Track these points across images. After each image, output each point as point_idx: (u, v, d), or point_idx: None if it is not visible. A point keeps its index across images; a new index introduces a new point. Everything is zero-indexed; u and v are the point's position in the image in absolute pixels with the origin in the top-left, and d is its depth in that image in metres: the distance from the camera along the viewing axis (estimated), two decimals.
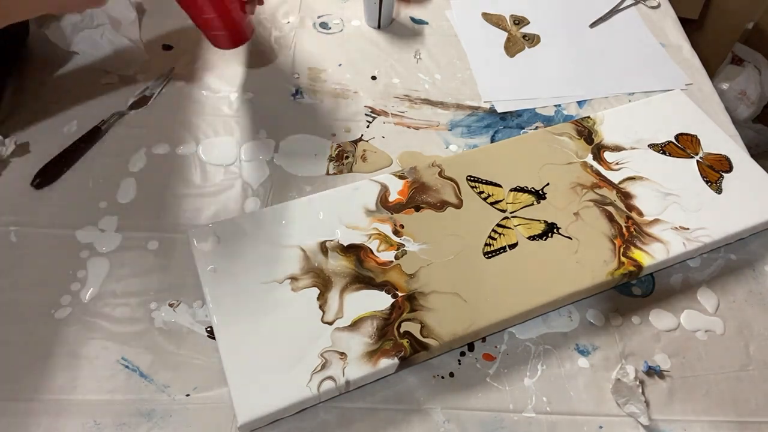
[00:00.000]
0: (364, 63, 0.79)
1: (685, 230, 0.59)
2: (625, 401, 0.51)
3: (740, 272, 0.61)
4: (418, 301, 0.53)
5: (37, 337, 0.52)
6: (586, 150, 0.66)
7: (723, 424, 0.51)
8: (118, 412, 0.49)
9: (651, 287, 0.59)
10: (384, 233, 0.57)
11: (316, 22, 0.84)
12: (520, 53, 0.83)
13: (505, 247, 0.57)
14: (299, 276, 0.54)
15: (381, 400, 0.51)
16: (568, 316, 0.57)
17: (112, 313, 0.54)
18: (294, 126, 0.71)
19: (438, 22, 0.86)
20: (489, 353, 0.54)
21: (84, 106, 0.70)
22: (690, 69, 0.82)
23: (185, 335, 0.53)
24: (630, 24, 0.88)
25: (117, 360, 0.51)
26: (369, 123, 0.72)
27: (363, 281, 0.54)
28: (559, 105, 0.76)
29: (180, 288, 0.56)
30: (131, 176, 0.64)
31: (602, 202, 0.61)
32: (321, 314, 0.52)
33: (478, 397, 0.51)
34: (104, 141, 0.67)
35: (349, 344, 0.50)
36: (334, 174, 0.66)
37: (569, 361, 0.54)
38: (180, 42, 0.79)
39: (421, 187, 0.61)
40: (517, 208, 0.60)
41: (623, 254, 0.57)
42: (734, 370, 0.54)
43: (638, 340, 0.56)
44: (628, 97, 0.77)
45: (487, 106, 0.75)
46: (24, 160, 0.64)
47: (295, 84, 0.75)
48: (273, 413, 0.47)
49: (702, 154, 0.67)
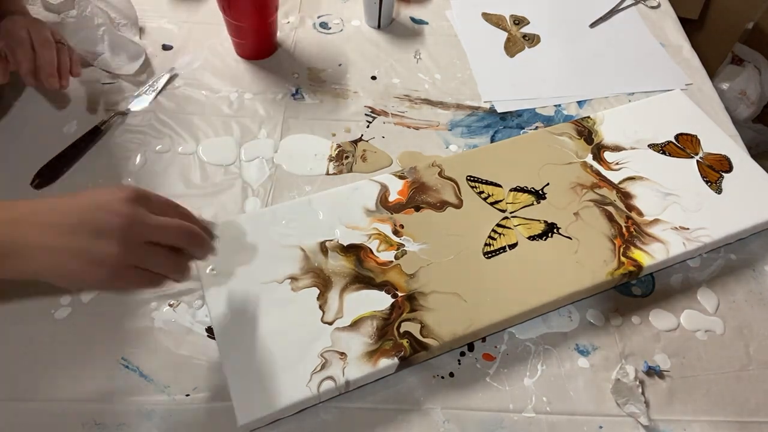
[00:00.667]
0: (364, 63, 0.79)
1: (685, 230, 0.59)
2: (625, 401, 0.51)
3: (740, 272, 0.61)
4: (418, 301, 0.53)
5: (37, 337, 0.52)
6: (586, 150, 0.66)
7: (723, 424, 0.51)
8: (118, 412, 0.49)
9: (651, 287, 0.59)
10: (384, 233, 0.57)
11: (316, 22, 0.84)
12: (520, 53, 0.83)
13: (504, 247, 0.57)
14: (299, 276, 0.54)
15: (381, 400, 0.51)
16: (568, 316, 0.57)
17: (112, 313, 0.54)
18: (294, 126, 0.71)
19: (438, 22, 0.86)
20: (489, 353, 0.54)
21: (84, 106, 0.70)
22: (690, 69, 0.82)
23: (185, 335, 0.53)
24: (630, 24, 0.88)
25: (117, 360, 0.51)
26: (369, 123, 0.72)
27: (363, 281, 0.54)
28: (559, 105, 0.76)
29: (180, 288, 0.56)
30: (131, 176, 0.64)
31: (602, 202, 0.61)
32: (321, 314, 0.52)
33: (478, 397, 0.51)
34: (104, 141, 0.67)
35: (348, 344, 0.50)
36: (334, 174, 0.66)
37: (569, 361, 0.54)
38: (180, 42, 0.79)
39: (421, 187, 0.61)
40: (517, 208, 0.60)
41: (623, 254, 0.57)
42: (734, 370, 0.54)
43: (638, 340, 0.56)
44: (628, 97, 0.77)
45: (487, 106, 0.75)
46: (25, 160, 0.64)
47: (295, 84, 0.75)
48: (273, 413, 0.47)
49: (702, 154, 0.67)
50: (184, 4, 0.85)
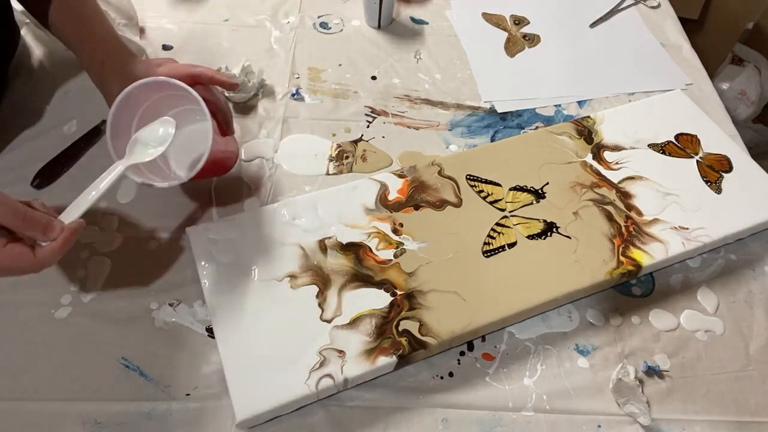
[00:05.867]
0: (364, 63, 0.79)
1: (685, 230, 0.59)
2: (626, 401, 0.51)
3: (740, 272, 0.61)
4: (417, 300, 0.53)
5: (37, 337, 0.52)
6: (585, 149, 0.66)
7: (722, 424, 0.51)
8: (118, 411, 0.49)
9: (651, 287, 0.59)
10: (383, 232, 0.57)
11: (316, 22, 0.84)
12: (520, 53, 0.83)
13: (504, 246, 0.57)
14: (298, 274, 0.54)
15: (379, 399, 0.51)
16: (567, 316, 0.57)
17: (112, 313, 0.54)
18: (294, 126, 0.71)
19: (438, 22, 0.86)
20: (488, 353, 0.54)
21: (84, 106, 0.70)
22: (690, 69, 0.82)
23: (185, 335, 0.53)
24: (630, 24, 0.88)
25: (117, 360, 0.51)
26: (369, 123, 0.72)
27: (362, 279, 0.54)
28: (559, 105, 0.76)
29: (180, 288, 0.56)
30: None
31: (602, 202, 0.61)
32: (320, 312, 0.52)
33: (477, 395, 0.51)
34: (104, 141, 0.67)
35: (347, 342, 0.50)
36: (334, 174, 0.66)
37: (569, 360, 0.54)
38: (180, 42, 0.79)
39: (421, 186, 0.61)
40: (516, 207, 0.60)
41: (622, 254, 0.57)
42: (734, 370, 0.54)
43: (638, 340, 0.55)
44: (628, 97, 0.77)
45: (487, 106, 0.75)
46: (25, 160, 0.64)
47: (295, 84, 0.76)
48: (271, 410, 0.47)
49: (702, 154, 0.67)
50: (184, 4, 0.85)
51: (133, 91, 0.52)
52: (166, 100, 0.55)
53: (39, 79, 0.73)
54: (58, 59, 0.74)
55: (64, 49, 0.59)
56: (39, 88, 0.71)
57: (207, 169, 0.53)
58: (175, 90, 0.53)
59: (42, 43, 0.76)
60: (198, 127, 0.58)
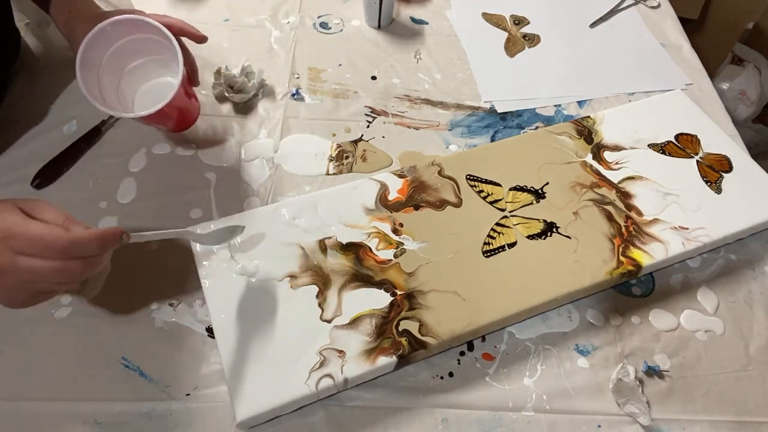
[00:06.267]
0: (364, 63, 0.79)
1: (685, 230, 0.59)
2: (626, 401, 0.51)
3: (740, 272, 0.61)
4: (417, 300, 0.53)
5: (37, 337, 0.52)
6: (585, 149, 0.66)
7: (722, 424, 0.51)
8: (118, 411, 0.49)
9: (651, 287, 0.59)
10: (383, 232, 0.57)
11: (316, 22, 0.84)
12: (520, 53, 0.83)
13: (504, 246, 0.57)
14: (298, 274, 0.54)
15: (379, 398, 0.51)
16: (567, 316, 0.57)
17: (112, 313, 0.54)
18: (294, 126, 0.71)
19: (438, 22, 0.86)
20: (488, 353, 0.54)
21: (84, 106, 0.70)
22: (690, 69, 0.82)
23: (185, 335, 0.53)
24: (630, 24, 0.88)
25: (117, 360, 0.51)
26: (369, 123, 0.72)
27: (362, 279, 0.54)
28: (559, 105, 0.76)
29: (180, 288, 0.56)
30: (131, 176, 0.64)
31: (601, 202, 0.61)
32: (320, 312, 0.52)
33: (477, 396, 0.51)
34: (104, 141, 0.67)
35: (347, 342, 0.50)
36: (334, 174, 0.66)
37: (569, 360, 0.54)
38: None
39: (421, 186, 0.61)
40: (516, 207, 0.61)
41: (622, 254, 0.57)
42: (734, 370, 0.54)
43: (638, 340, 0.55)
44: (628, 97, 0.77)
45: (487, 106, 0.75)
46: (25, 160, 0.64)
47: (295, 84, 0.76)
48: (271, 410, 0.47)
49: (702, 154, 0.67)
50: (184, 3, 0.85)
51: (106, 28, 0.54)
52: (139, 43, 0.57)
53: (39, 79, 0.72)
54: (58, 59, 0.74)
55: (64, 50, 0.60)
56: (39, 89, 0.71)
57: (168, 113, 0.56)
58: (148, 32, 0.55)
59: (42, 43, 0.76)
60: (165, 81, 0.64)
